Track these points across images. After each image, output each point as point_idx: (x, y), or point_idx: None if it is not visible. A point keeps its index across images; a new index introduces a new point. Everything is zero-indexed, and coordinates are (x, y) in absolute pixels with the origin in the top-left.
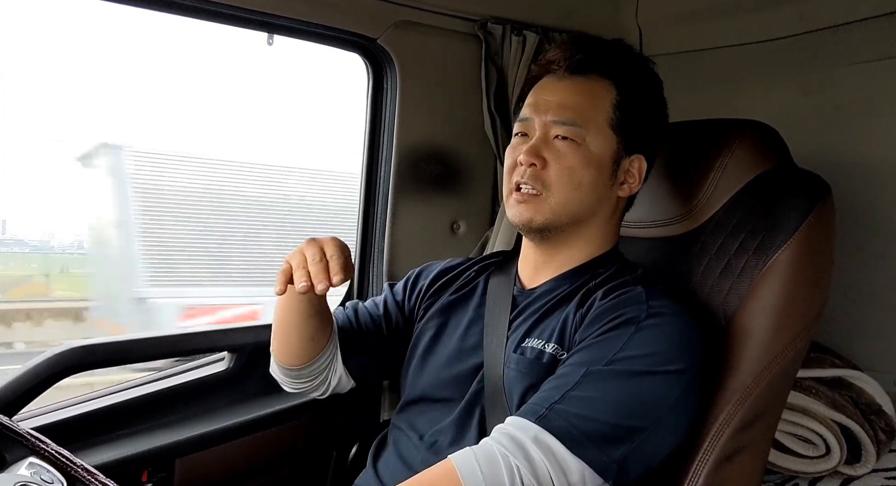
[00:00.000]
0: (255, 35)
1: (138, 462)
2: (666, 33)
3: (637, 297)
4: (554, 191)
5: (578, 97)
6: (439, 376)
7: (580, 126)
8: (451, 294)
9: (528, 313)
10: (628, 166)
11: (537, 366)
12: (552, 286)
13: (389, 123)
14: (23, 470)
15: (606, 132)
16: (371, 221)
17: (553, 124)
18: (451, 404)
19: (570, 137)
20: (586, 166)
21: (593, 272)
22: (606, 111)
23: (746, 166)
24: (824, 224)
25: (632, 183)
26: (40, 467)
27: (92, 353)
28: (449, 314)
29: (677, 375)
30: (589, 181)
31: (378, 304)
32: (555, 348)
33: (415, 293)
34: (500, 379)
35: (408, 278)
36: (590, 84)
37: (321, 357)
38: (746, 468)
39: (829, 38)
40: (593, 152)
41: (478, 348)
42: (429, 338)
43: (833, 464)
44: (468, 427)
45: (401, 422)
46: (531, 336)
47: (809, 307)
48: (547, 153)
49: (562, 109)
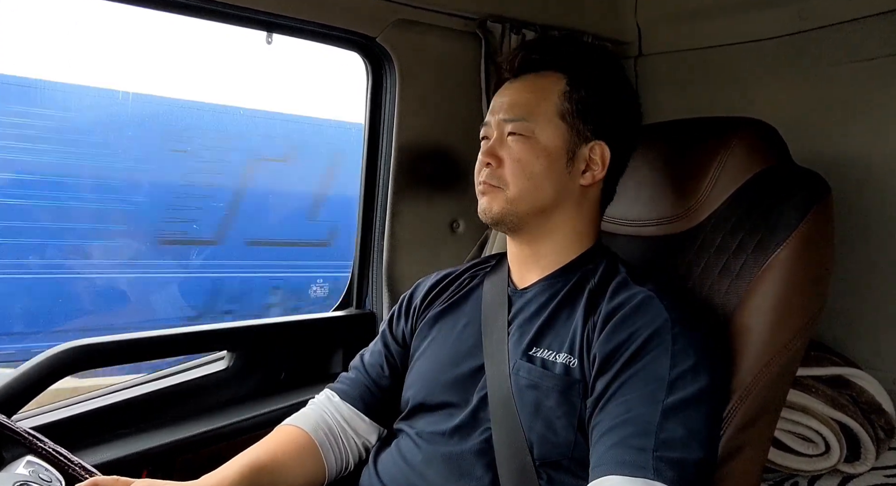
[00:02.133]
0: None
1: (138, 461)
2: (664, 32)
3: (649, 299)
4: (510, 185)
5: (526, 94)
6: (438, 380)
7: (527, 120)
8: (444, 301)
9: (525, 314)
10: (588, 154)
11: (549, 375)
12: (544, 286)
13: (389, 122)
14: (21, 469)
15: (555, 122)
16: (371, 220)
17: (504, 123)
18: (454, 409)
19: (518, 132)
20: (536, 157)
21: (584, 270)
22: (554, 102)
23: (745, 165)
24: (823, 222)
25: (595, 170)
26: (38, 465)
27: (91, 352)
28: (444, 320)
29: (719, 373)
30: (540, 171)
31: (380, 350)
32: (567, 358)
33: (411, 315)
34: (507, 387)
35: (401, 303)
36: (538, 80)
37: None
38: (746, 466)
39: (828, 37)
40: (543, 143)
41: (476, 350)
42: (425, 345)
43: (833, 462)
44: (473, 434)
45: (402, 426)
46: (539, 345)
47: (809, 306)
48: (502, 152)
49: (511, 107)
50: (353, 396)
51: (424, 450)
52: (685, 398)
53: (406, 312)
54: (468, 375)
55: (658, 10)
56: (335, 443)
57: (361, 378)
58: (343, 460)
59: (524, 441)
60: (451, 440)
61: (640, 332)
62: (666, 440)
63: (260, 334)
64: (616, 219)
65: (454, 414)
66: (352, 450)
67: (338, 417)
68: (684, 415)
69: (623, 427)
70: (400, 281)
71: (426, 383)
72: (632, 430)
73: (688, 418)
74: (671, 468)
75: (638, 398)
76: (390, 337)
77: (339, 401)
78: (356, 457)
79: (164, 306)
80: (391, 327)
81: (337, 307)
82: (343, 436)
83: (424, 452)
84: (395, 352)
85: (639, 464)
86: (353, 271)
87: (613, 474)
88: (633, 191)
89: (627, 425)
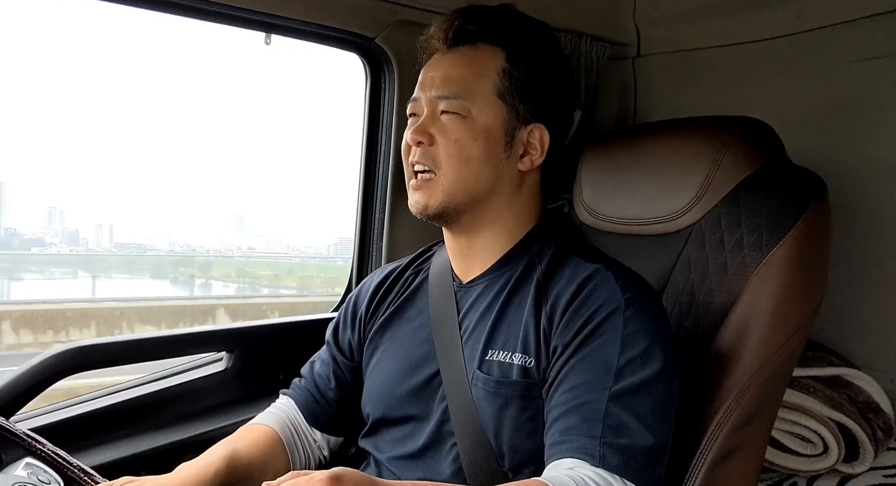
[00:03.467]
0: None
1: (136, 463)
2: (663, 32)
3: (605, 280)
4: (444, 169)
5: (461, 69)
6: (394, 393)
7: (463, 98)
8: (391, 304)
9: (475, 312)
10: (527, 137)
11: (507, 383)
12: (490, 280)
13: (387, 123)
14: (20, 471)
15: (494, 101)
16: (370, 220)
17: (438, 100)
18: (418, 423)
19: (454, 111)
20: (474, 139)
21: (529, 254)
22: (493, 80)
23: (742, 163)
24: (820, 221)
25: (534, 155)
26: (37, 467)
27: (90, 353)
28: (392, 326)
29: (668, 361)
30: (479, 154)
31: (326, 362)
32: (522, 359)
33: (357, 325)
34: (469, 401)
35: (345, 311)
36: (475, 54)
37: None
38: (744, 465)
39: (826, 37)
40: (480, 124)
41: (430, 356)
42: (378, 357)
43: (831, 462)
44: (441, 452)
45: (368, 448)
46: (493, 347)
47: (806, 305)
48: (433, 130)
49: (445, 83)
50: (301, 405)
51: (397, 477)
52: (634, 385)
53: (352, 321)
54: (424, 383)
55: (656, 10)
56: (300, 443)
57: (309, 388)
58: (307, 460)
59: (492, 453)
60: (422, 464)
61: (596, 314)
62: (613, 426)
63: (259, 336)
64: (613, 218)
65: (418, 429)
66: (313, 452)
67: (298, 419)
68: (633, 401)
69: (573, 413)
70: None
71: (383, 398)
72: (581, 416)
73: (637, 404)
74: (617, 455)
75: (585, 385)
76: (336, 349)
77: (294, 406)
78: (317, 461)
79: None
80: (336, 337)
81: (337, 307)
82: (306, 438)
83: (397, 480)
84: (342, 365)
85: (587, 451)
86: (351, 271)
87: (565, 457)
88: (630, 190)
89: (577, 411)
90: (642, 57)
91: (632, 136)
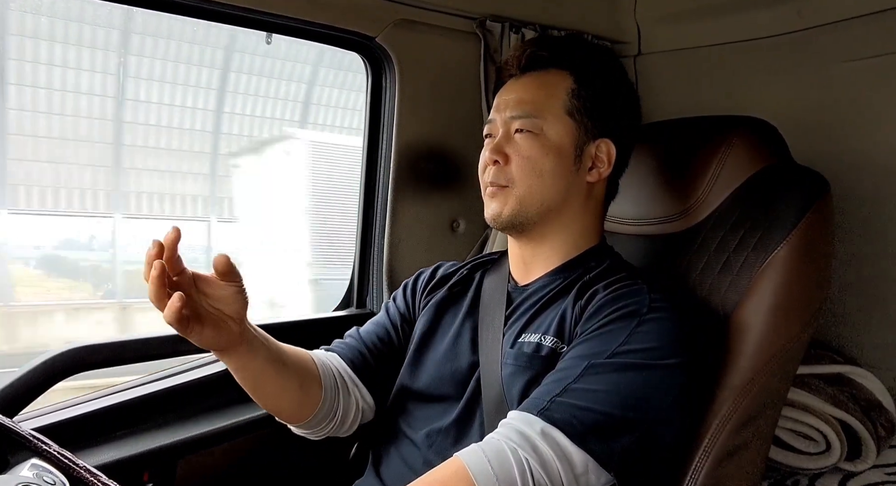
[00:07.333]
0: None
1: (139, 463)
2: (664, 31)
3: (639, 290)
4: (518, 183)
5: (533, 91)
6: (436, 373)
7: (536, 117)
8: (445, 291)
9: (523, 308)
10: (595, 151)
11: (536, 359)
12: (546, 282)
13: (389, 122)
14: (25, 472)
15: (564, 119)
16: (371, 220)
17: (512, 120)
18: (450, 402)
19: (527, 129)
20: (546, 155)
21: (585, 266)
22: (562, 99)
23: (745, 163)
24: (823, 221)
25: (601, 168)
26: (43, 468)
27: (92, 353)
28: (443, 311)
29: (679, 369)
30: (550, 168)
31: (380, 322)
32: (554, 342)
33: (416, 295)
34: (498, 379)
35: (405, 284)
36: (545, 77)
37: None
38: (747, 464)
39: (828, 35)
40: (552, 140)
41: (473, 346)
42: (423, 334)
43: (833, 460)
44: (470, 428)
45: (399, 420)
46: (528, 331)
47: (809, 303)
48: (509, 149)
49: (519, 104)
50: (347, 357)
51: (424, 453)
52: (619, 363)
53: (411, 292)
54: (464, 370)
55: (657, 9)
56: (336, 391)
57: (355, 344)
58: (333, 409)
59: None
60: (450, 436)
61: (617, 310)
62: (575, 389)
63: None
64: (617, 218)
65: (451, 407)
66: (346, 408)
67: (343, 370)
68: (607, 376)
69: (551, 377)
70: (400, 281)
71: (426, 376)
72: (553, 377)
73: (609, 378)
74: (561, 411)
75: (576, 356)
76: (390, 314)
77: (339, 360)
78: (351, 419)
79: None
80: (394, 303)
81: (337, 307)
82: (344, 389)
83: (425, 455)
84: (395, 325)
85: (536, 404)
86: (353, 271)
87: (516, 410)
88: (634, 190)
89: (554, 374)
90: (643, 55)
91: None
